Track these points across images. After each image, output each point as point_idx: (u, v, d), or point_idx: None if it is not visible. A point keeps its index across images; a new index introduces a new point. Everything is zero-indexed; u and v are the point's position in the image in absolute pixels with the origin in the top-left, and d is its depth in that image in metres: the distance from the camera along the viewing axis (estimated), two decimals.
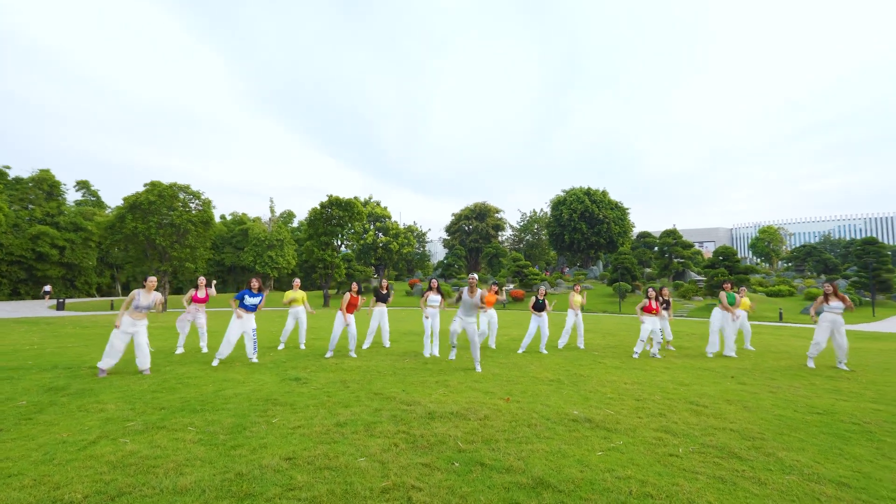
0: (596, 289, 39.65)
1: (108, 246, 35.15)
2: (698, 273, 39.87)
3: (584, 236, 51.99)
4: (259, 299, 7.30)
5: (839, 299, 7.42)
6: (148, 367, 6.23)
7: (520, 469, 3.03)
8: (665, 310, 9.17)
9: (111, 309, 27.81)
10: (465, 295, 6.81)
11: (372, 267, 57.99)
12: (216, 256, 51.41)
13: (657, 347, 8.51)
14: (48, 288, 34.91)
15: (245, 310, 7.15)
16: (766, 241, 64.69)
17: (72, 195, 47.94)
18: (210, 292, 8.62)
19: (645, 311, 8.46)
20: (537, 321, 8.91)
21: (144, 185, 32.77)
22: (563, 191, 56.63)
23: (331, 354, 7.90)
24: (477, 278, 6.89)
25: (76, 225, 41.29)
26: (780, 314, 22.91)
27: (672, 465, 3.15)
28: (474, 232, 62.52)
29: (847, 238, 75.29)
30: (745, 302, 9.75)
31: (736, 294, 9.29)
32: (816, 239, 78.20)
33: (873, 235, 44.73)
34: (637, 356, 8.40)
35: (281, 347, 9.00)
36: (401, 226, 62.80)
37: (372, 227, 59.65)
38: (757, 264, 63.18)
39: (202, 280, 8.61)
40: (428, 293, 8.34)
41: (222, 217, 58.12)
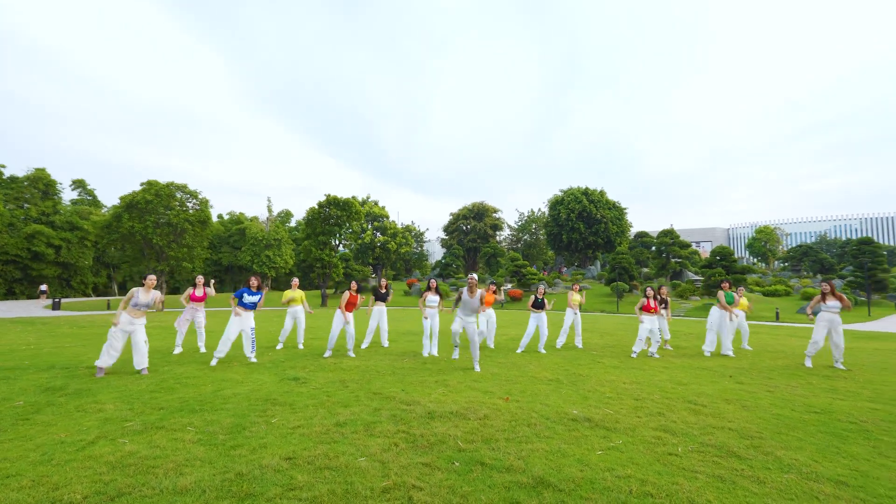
0: (593, 288, 39.74)
1: (105, 245, 35.06)
2: (695, 273, 40.03)
3: (582, 236, 52.10)
4: (258, 297, 7.29)
5: (836, 298, 7.46)
6: (146, 367, 6.20)
7: (520, 468, 3.04)
8: (663, 309, 9.21)
9: (108, 309, 27.69)
10: (465, 295, 6.81)
11: (370, 266, 57.94)
12: (213, 256, 51.27)
13: (655, 347, 8.54)
14: (44, 287, 34.73)
15: (244, 308, 7.14)
16: (763, 241, 64.97)
17: (67, 194, 47.74)
18: (209, 291, 8.59)
19: (644, 311, 8.49)
20: (536, 320, 8.93)
21: (141, 185, 32.66)
22: (561, 191, 56.74)
23: (329, 354, 7.89)
24: (476, 279, 6.89)
25: (72, 224, 41.10)
26: (777, 314, 23.03)
27: (671, 464, 3.16)
28: (472, 232, 62.56)
29: (843, 238, 75.70)
30: (744, 302, 9.80)
31: (734, 294, 9.33)
32: (813, 239, 78.56)
33: (869, 235, 45.01)
34: (636, 356, 8.43)
35: (279, 347, 8.98)
36: (399, 225, 62.78)
37: (370, 227, 59.59)
38: (753, 264, 63.45)
39: (200, 279, 8.58)
40: (426, 293, 8.35)
41: (219, 216, 57.98)
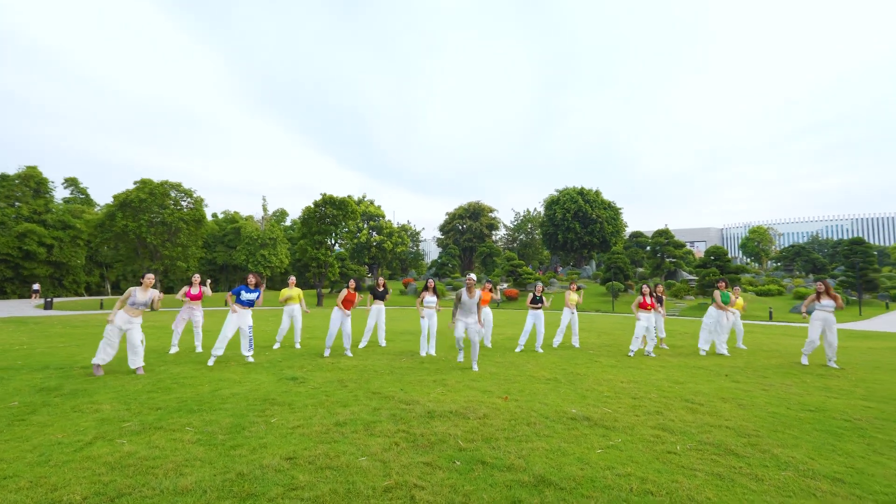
0: (589, 288, 39.92)
1: (98, 244, 34.73)
2: (690, 273, 40.31)
3: (578, 236, 52.31)
4: (256, 295, 7.27)
5: (831, 298, 7.54)
6: (141, 367, 6.16)
7: (521, 467, 3.05)
8: (659, 306, 9.28)
9: (101, 308, 27.43)
10: (465, 296, 6.81)
11: (365, 266, 57.82)
12: (208, 255, 50.93)
13: (651, 345, 8.60)
14: (37, 287, 34.35)
15: (241, 305, 7.11)
16: (756, 241, 65.57)
17: (60, 192, 47.27)
18: (205, 290, 8.55)
19: (641, 308, 8.56)
20: (534, 318, 8.96)
21: (135, 183, 32.39)
22: (557, 190, 56.95)
23: (328, 354, 7.87)
24: (474, 279, 6.90)
25: (64, 223, 40.63)
26: (770, 313, 23.25)
27: (671, 463, 3.18)
28: (468, 231, 62.59)
29: (834, 238, 76.59)
30: (739, 302, 9.87)
31: (730, 293, 9.41)
32: (805, 239, 79.40)
33: (860, 236, 45.53)
34: (633, 354, 8.49)
35: (276, 346, 8.95)
36: (394, 225, 62.69)
37: (366, 226, 59.45)
38: (747, 264, 63.99)
39: (196, 277, 8.54)
40: (424, 293, 8.36)
41: (214, 215, 57.59)
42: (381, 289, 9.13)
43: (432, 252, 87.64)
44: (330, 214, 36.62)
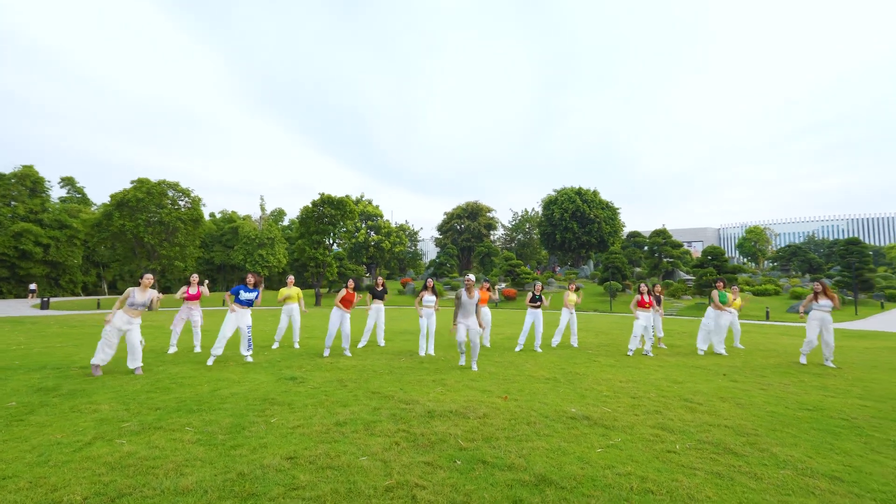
0: (587, 288, 40.01)
1: (95, 244, 34.55)
2: (687, 272, 40.44)
3: (576, 236, 52.41)
4: (255, 295, 7.25)
5: (828, 298, 7.59)
6: (140, 367, 6.14)
7: (521, 466, 3.06)
8: (656, 304, 9.32)
9: (97, 308, 27.32)
10: (464, 297, 6.81)
11: (363, 266, 57.76)
12: (205, 255, 50.79)
13: (649, 344, 8.64)
14: (33, 287, 34.18)
15: (240, 305, 7.09)
16: (753, 241, 65.82)
17: (56, 192, 46.99)
18: (203, 290, 8.53)
19: (639, 306, 8.60)
20: (533, 316, 8.98)
21: (132, 182, 32.24)
22: (555, 190, 57.06)
23: (328, 354, 7.86)
24: (473, 279, 6.90)
25: (61, 222, 40.46)
26: (767, 313, 23.35)
27: (670, 462, 3.20)
28: (466, 231, 62.63)
29: (830, 238, 76.96)
30: (737, 301, 9.90)
31: (728, 293, 9.45)
32: (801, 239, 79.74)
33: (856, 236, 45.79)
34: (631, 353, 8.53)
35: (275, 346, 8.94)
36: (393, 224, 62.65)
37: (364, 226, 59.40)
38: (744, 264, 64.24)
39: (195, 277, 8.51)
40: (423, 293, 8.37)
41: (212, 215, 57.44)
42: (381, 288, 9.14)
43: (430, 252, 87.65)
44: (328, 214, 36.56)
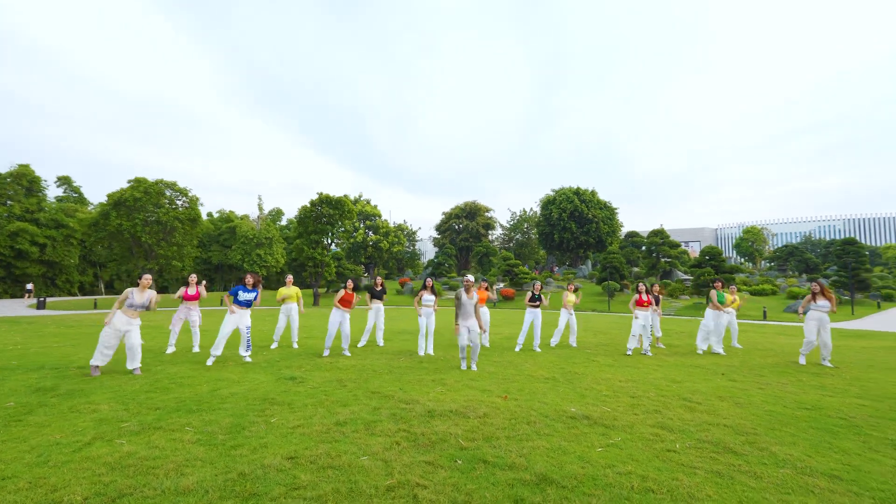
0: (585, 287, 40.08)
1: (92, 243, 34.43)
2: (685, 272, 40.56)
3: (574, 235, 52.47)
4: (254, 295, 7.23)
5: (826, 298, 7.62)
6: (138, 367, 6.12)
7: (522, 466, 3.06)
8: (655, 304, 9.35)
9: (94, 308, 27.20)
10: (464, 297, 6.81)
11: (362, 266, 57.70)
12: (203, 255, 50.65)
13: (647, 344, 8.67)
14: (30, 286, 34.03)
15: (239, 306, 7.08)
16: (750, 241, 66.06)
17: (52, 191, 46.75)
18: (201, 291, 8.50)
19: (637, 305, 8.63)
20: (532, 316, 9.00)
21: (129, 182, 32.14)
22: (553, 190, 57.10)
23: (327, 353, 7.85)
24: (472, 280, 6.91)
25: (57, 222, 40.26)
26: (764, 312, 23.44)
27: (670, 461, 3.21)
28: (464, 231, 62.61)
29: (827, 238, 77.30)
30: (736, 301, 9.92)
31: (725, 293, 9.48)
32: (798, 239, 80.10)
33: (853, 236, 46.01)
34: (630, 352, 8.55)
35: (274, 346, 8.92)
36: (391, 224, 62.59)
37: (362, 226, 59.33)
38: (741, 264, 64.48)
39: (193, 277, 8.48)
40: (423, 293, 8.38)
41: (209, 214, 57.26)
42: (379, 288, 9.13)
43: (429, 252, 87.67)
44: (326, 214, 36.50)
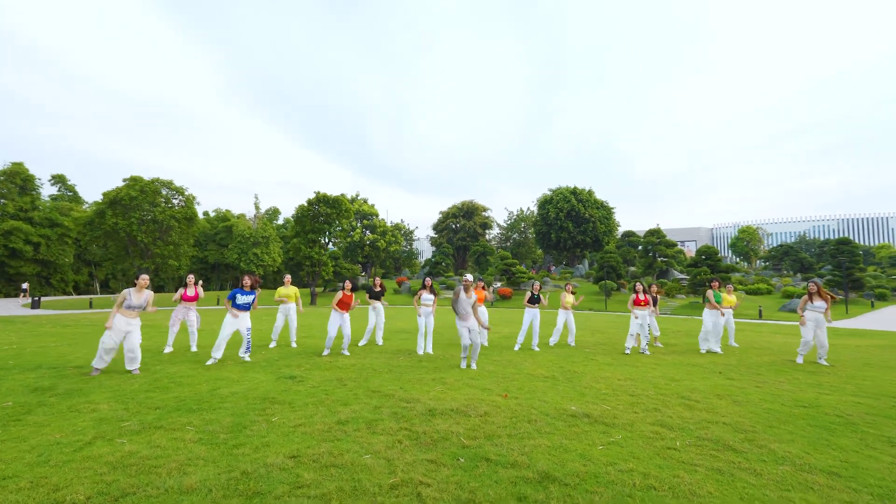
0: (582, 287, 40.18)
1: (87, 242, 34.17)
2: (681, 272, 40.76)
3: (571, 235, 52.59)
4: (252, 297, 7.20)
5: (823, 298, 7.68)
6: (137, 367, 6.09)
7: (524, 464, 3.08)
8: (653, 305, 9.40)
9: (90, 308, 27.02)
10: (462, 296, 6.82)
11: (359, 265, 57.62)
12: (200, 254, 50.42)
13: (645, 343, 8.71)
14: (26, 286, 33.77)
15: (239, 309, 7.05)
16: (746, 241, 66.45)
17: (47, 190, 46.41)
18: (199, 291, 8.46)
19: (635, 304, 8.68)
20: (531, 316, 9.02)
21: (124, 180, 31.93)
22: (550, 190, 57.16)
23: (328, 353, 7.85)
24: (471, 279, 6.92)
25: (52, 220, 39.97)
26: (760, 311, 23.59)
27: (671, 458, 3.23)
28: (462, 230, 62.63)
29: (821, 238, 77.89)
30: (732, 299, 9.97)
31: (723, 292, 9.53)
32: (793, 239, 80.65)
33: (847, 236, 46.37)
34: (629, 351, 8.59)
35: (272, 345, 8.90)
36: (388, 224, 62.53)
37: (359, 225, 59.24)
38: (737, 263, 64.85)
39: (191, 278, 8.44)
40: (422, 292, 8.39)
41: (205, 213, 57.03)
42: (378, 289, 9.14)
43: (426, 251, 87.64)
44: (324, 213, 36.41)
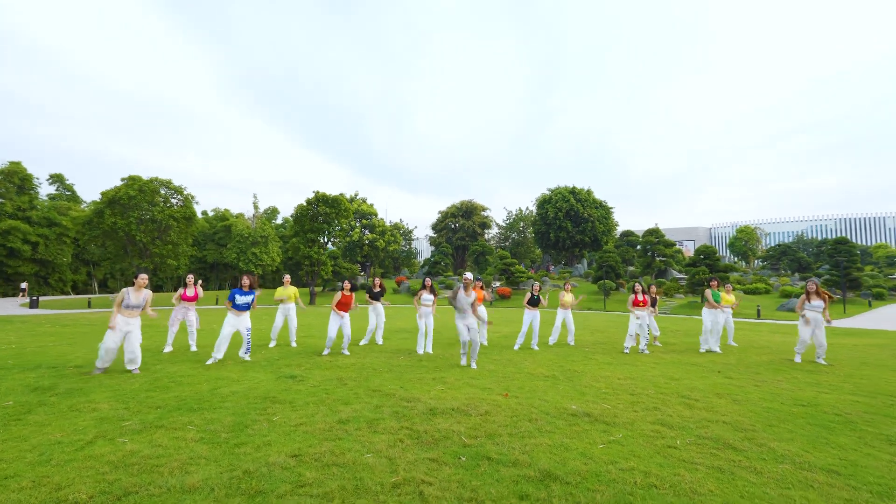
0: (581, 286, 40.22)
1: (85, 242, 34.09)
2: (680, 271, 40.83)
3: (569, 234, 52.64)
4: (251, 297, 7.20)
5: (820, 298, 7.71)
6: (137, 368, 6.09)
7: (526, 462, 3.09)
8: (651, 306, 9.41)
9: (88, 307, 26.96)
10: (462, 294, 6.83)
11: (358, 264, 57.59)
12: (198, 253, 50.34)
13: (644, 342, 8.73)
14: (24, 285, 33.68)
15: (238, 310, 7.05)
16: (744, 241, 66.59)
17: (45, 189, 46.28)
18: (199, 291, 8.46)
19: (633, 305, 8.70)
20: (531, 317, 9.03)
21: (122, 180, 31.87)
22: (549, 189, 57.19)
23: (328, 352, 7.85)
24: (471, 278, 6.93)
25: (50, 220, 39.86)
26: (758, 311, 23.64)
27: (672, 457, 3.25)
28: (461, 230, 62.63)
29: (819, 238, 78.12)
30: (731, 298, 10.00)
31: (721, 292, 9.56)
32: (791, 238, 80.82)
33: (844, 235, 46.53)
34: (627, 351, 8.62)
35: (272, 345, 8.90)
36: (387, 223, 62.50)
37: (358, 225, 59.20)
38: (735, 263, 64.98)
39: (190, 278, 8.44)
40: (421, 292, 8.40)
41: (204, 213, 56.90)
42: (378, 289, 9.14)
43: (425, 251, 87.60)
44: (323, 212, 36.38)
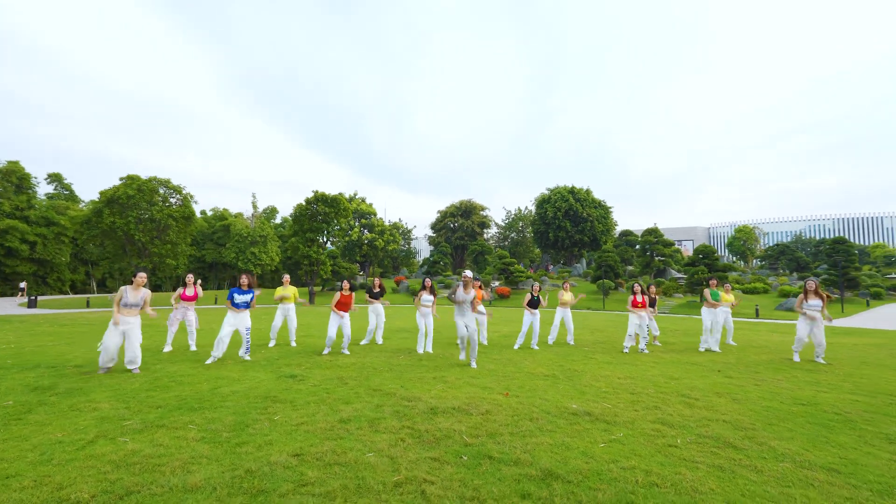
0: (580, 286, 40.26)
1: (84, 241, 34.01)
2: (678, 271, 40.89)
3: (568, 234, 52.68)
4: (250, 296, 7.19)
5: (819, 297, 7.73)
6: (137, 367, 6.08)
7: (527, 461, 3.09)
8: (651, 306, 9.41)
9: (87, 307, 26.89)
10: (461, 291, 6.84)
11: (357, 264, 57.56)
12: (197, 253, 50.26)
13: (644, 342, 8.75)
14: (23, 285, 33.60)
15: (237, 309, 7.04)
16: (742, 240, 66.75)
17: (43, 188, 46.17)
18: (198, 291, 8.45)
19: (632, 305, 8.72)
20: (531, 318, 9.03)
21: (121, 179, 31.81)
22: (548, 189, 57.23)
23: (328, 352, 7.85)
24: (470, 275, 6.93)
25: (48, 219, 39.76)
26: (757, 310, 23.69)
27: (672, 456, 3.26)
28: (460, 229, 62.64)
29: (817, 237, 78.28)
30: (730, 297, 10.02)
31: (720, 291, 9.57)
32: (789, 238, 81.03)
33: (842, 235, 46.62)
34: (627, 350, 8.63)
35: (272, 344, 8.90)
36: (386, 223, 62.48)
37: (357, 224, 59.16)
38: (733, 262, 65.12)
39: (190, 277, 8.42)
40: (421, 292, 8.41)
41: (203, 213, 56.81)
42: (378, 289, 9.14)
43: (424, 250, 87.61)
44: (322, 212, 36.36)
